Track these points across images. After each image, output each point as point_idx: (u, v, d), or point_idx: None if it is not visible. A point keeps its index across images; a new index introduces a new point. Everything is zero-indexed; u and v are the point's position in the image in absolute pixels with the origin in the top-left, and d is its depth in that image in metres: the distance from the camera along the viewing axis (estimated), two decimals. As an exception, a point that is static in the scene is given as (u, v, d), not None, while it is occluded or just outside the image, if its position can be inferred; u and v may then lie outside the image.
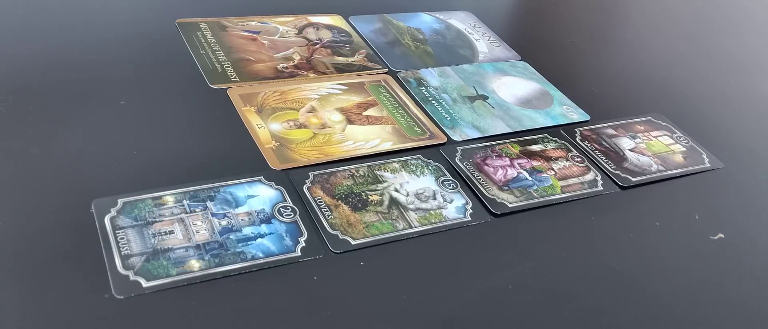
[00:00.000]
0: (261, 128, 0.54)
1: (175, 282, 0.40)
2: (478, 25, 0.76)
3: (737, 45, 0.85)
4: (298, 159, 0.51)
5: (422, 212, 0.49)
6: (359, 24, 0.71)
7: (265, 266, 0.42)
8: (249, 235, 0.44)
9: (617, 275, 0.47)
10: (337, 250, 0.44)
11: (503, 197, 0.51)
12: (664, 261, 0.49)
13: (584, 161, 0.57)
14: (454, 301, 0.43)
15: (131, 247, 0.42)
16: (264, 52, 0.63)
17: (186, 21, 0.65)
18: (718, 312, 0.46)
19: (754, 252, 0.51)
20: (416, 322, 0.41)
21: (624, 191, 0.55)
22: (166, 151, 0.50)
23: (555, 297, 0.44)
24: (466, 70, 0.67)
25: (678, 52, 0.80)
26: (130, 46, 0.61)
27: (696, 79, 0.75)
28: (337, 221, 0.46)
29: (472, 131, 0.58)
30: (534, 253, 0.47)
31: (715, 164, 0.60)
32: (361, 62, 0.65)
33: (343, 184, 0.50)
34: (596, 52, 0.78)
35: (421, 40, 0.71)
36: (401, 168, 0.52)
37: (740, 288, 0.48)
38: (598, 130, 0.61)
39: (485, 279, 0.45)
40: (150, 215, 0.44)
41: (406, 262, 0.45)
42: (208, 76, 0.58)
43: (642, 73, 0.74)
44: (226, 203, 0.46)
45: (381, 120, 0.57)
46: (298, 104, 0.57)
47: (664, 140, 0.62)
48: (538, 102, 0.64)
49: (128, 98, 0.54)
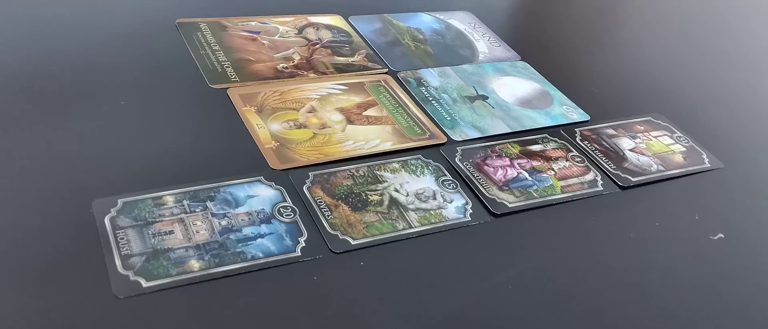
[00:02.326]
0: (261, 128, 0.54)
1: (175, 282, 0.40)
2: (478, 26, 0.76)
3: (737, 45, 0.85)
4: (298, 159, 0.51)
5: (422, 212, 0.49)
6: (359, 24, 0.71)
7: (265, 266, 0.42)
8: (249, 235, 0.44)
9: (617, 275, 0.47)
10: (337, 250, 0.44)
11: (503, 197, 0.51)
12: (664, 261, 0.49)
13: (584, 161, 0.57)
14: (454, 301, 0.43)
15: (131, 247, 0.42)
16: (264, 52, 0.63)
17: (186, 21, 0.65)
18: (718, 312, 0.46)
19: (754, 252, 0.51)
20: (416, 322, 0.41)
21: (624, 191, 0.55)
22: (166, 151, 0.50)
23: (555, 297, 0.44)
24: (466, 70, 0.67)
25: (678, 53, 0.80)
26: (130, 46, 0.61)
27: (696, 79, 0.75)
28: (337, 221, 0.46)
29: (472, 131, 0.58)
30: (534, 253, 0.47)
31: (715, 164, 0.60)
32: (361, 62, 0.65)
33: (343, 184, 0.50)
34: (596, 52, 0.78)
35: (421, 41, 0.71)
36: (401, 168, 0.52)
37: (740, 288, 0.48)
38: (598, 130, 0.61)
39: (485, 279, 0.45)
40: (150, 215, 0.44)
41: (406, 262, 0.45)
42: (208, 77, 0.58)
43: (642, 73, 0.74)
44: (226, 203, 0.46)
45: (381, 120, 0.57)
46: (298, 104, 0.57)
47: (664, 140, 0.62)
48: (538, 102, 0.64)
49: (128, 98, 0.54)
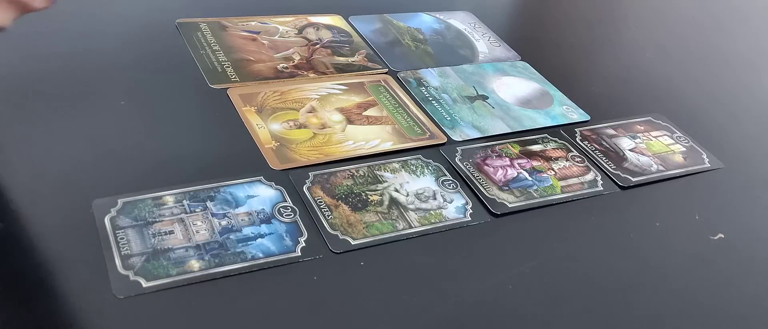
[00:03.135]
0: (261, 128, 0.54)
1: (175, 282, 0.40)
2: (478, 26, 0.76)
3: (737, 45, 0.85)
4: (298, 159, 0.51)
5: (422, 212, 0.49)
6: (359, 24, 0.71)
7: (265, 266, 0.42)
8: (249, 235, 0.44)
9: (617, 275, 0.47)
10: (337, 250, 0.44)
11: (503, 197, 0.51)
12: (664, 261, 0.49)
13: (584, 161, 0.57)
14: (454, 301, 0.43)
15: (131, 247, 0.42)
16: (264, 52, 0.63)
17: (186, 21, 0.65)
18: (718, 312, 0.46)
19: (754, 252, 0.51)
20: (416, 322, 0.41)
21: (624, 191, 0.55)
22: (166, 151, 0.50)
23: (555, 297, 0.44)
24: (466, 70, 0.67)
25: (678, 52, 0.80)
26: (131, 47, 0.61)
27: (696, 79, 0.75)
28: (337, 221, 0.46)
29: (472, 131, 0.58)
30: (534, 253, 0.47)
31: (715, 164, 0.60)
32: (361, 62, 0.65)
33: (343, 184, 0.50)
34: (596, 52, 0.78)
35: (421, 41, 0.71)
36: (401, 168, 0.52)
37: (740, 288, 0.48)
38: (598, 130, 0.61)
39: (485, 279, 0.45)
40: (150, 215, 0.44)
41: (406, 262, 0.45)
42: (208, 77, 0.58)
43: (642, 74, 0.74)
44: (226, 204, 0.46)
45: (381, 120, 0.57)
46: (298, 104, 0.57)
47: (664, 140, 0.62)
48: (538, 102, 0.64)
49: (128, 98, 0.54)
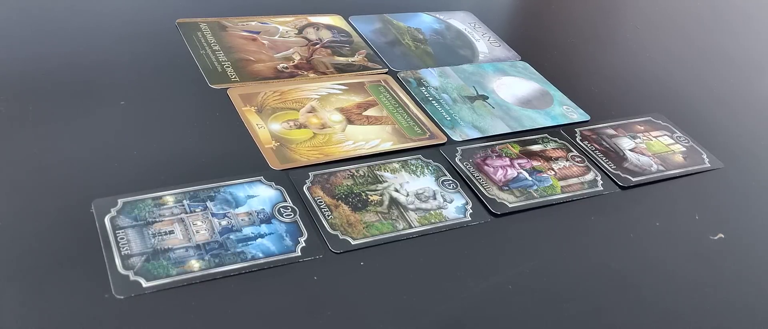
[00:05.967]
0: (261, 128, 0.54)
1: (175, 282, 0.40)
2: (478, 26, 0.76)
3: (737, 45, 0.85)
4: (298, 159, 0.51)
5: (422, 212, 0.49)
6: (359, 24, 0.71)
7: (265, 266, 0.42)
8: (249, 235, 0.44)
9: (617, 275, 0.47)
10: (337, 250, 0.44)
11: (503, 197, 0.51)
12: (664, 261, 0.49)
13: (584, 161, 0.57)
14: (454, 301, 0.43)
15: (131, 247, 0.42)
16: (264, 52, 0.63)
17: (186, 21, 0.65)
18: (718, 313, 0.46)
19: (754, 252, 0.51)
20: (416, 322, 0.41)
21: (624, 191, 0.55)
22: (166, 151, 0.50)
23: (555, 297, 0.44)
24: (466, 70, 0.67)
25: (678, 53, 0.80)
26: (130, 47, 0.61)
27: (696, 79, 0.75)
28: (337, 221, 0.46)
29: (472, 131, 0.58)
30: (534, 253, 0.47)
31: (715, 164, 0.60)
32: (361, 62, 0.65)
33: (343, 184, 0.50)
34: (596, 52, 0.78)
35: (421, 40, 0.71)
36: (401, 168, 0.52)
37: (740, 288, 0.48)
38: (598, 130, 0.61)
39: (485, 279, 0.45)
40: (150, 215, 0.44)
41: (406, 262, 0.45)
42: (208, 77, 0.58)
43: (642, 73, 0.74)
44: (226, 203, 0.46)
45: (381, 120, 0.57)
46: (298, 104, 0.57)
47: (664, 140, 0.62)
48: (538, 102, 0.64)
49: (128, 98, 0.54)
